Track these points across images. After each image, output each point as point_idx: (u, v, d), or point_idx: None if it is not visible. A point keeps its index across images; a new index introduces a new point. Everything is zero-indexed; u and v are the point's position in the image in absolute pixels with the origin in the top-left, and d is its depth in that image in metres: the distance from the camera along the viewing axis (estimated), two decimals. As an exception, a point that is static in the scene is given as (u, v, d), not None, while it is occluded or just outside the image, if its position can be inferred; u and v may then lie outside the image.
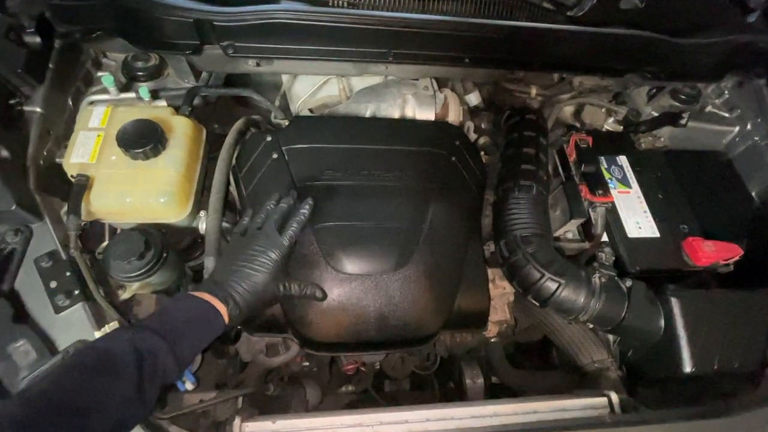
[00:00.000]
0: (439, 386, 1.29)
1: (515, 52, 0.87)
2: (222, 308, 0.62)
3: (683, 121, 1.08)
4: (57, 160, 0.80)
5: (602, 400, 0.74)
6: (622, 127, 1.14)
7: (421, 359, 1.04)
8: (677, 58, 0.96)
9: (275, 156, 0.88)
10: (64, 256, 0.68)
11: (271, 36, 0.81)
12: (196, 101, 0.93)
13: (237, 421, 0.64)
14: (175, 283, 0.84)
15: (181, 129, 0.81)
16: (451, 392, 1.20)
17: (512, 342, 1.30)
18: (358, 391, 1.32)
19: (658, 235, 0.93)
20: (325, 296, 0.74)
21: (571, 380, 1.02)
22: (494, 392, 1.16)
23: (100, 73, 0.93)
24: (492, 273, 0.97)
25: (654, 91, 1.15)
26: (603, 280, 0.80)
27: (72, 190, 0.72)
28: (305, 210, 0.73)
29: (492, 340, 1.16)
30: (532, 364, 1.32)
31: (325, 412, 0.69)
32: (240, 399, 0.71)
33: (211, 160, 0.92)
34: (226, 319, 0.62)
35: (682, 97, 1.13)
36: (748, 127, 1.11)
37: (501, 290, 0.99)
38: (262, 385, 0.79)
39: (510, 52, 0.87)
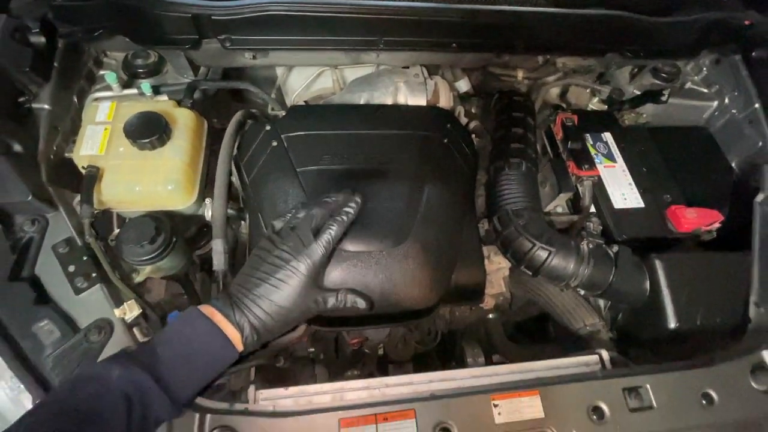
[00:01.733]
0: (442, 366, 1.34)
1: (500, 36, 0.91)
2: (235, 336, 0.54)
3: (664, 98, 1.13)
4: (66, 155, 0.84)
5: (594, 358, 0.78)
6: (606, 106, 1.19)
7: (422, 334, 1.08)
8: (655, 37, 1.00)
9: (275, 144, 0.91)
10: (79, 242, 0.72)
11: (266, 28, 0.84)
12: (196, 95, 0.96)
13: (251, 388, 0.68)
14: (184, 269, 0.88)
15: (183, 120, 0.85)
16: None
17: (511, 322, 1.35)
18: (363, 375, 1.36)
19: (642, 205, 0.98)
20: (371, 305, 0.65)
21: (567, 348, 1.07)
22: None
23: (102, 72, 0.97)
24: (487, 250, 1.01)
25: (635, 70, 1.20)
26: (591, 246, 0.84)
27: (84, 180, 0.75)
28: (350, 209, 0.62)
29: (490, 316, 1.21)
30: (530, 339, 1.37)
31: (334, 381, 0.73)
32: (253, 371, 0.75)
33: (212, 153, 0.96)
34: (240, 347, 0.54)
35: (663, 75, 1.18)
36: (726, 101, 1.16)
37: (496, 266, 1.03)
38: (274, 358, 0.83)
39: (494, 36, 0.91)
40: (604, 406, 0.68)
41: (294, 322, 0.60)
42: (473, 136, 1.15)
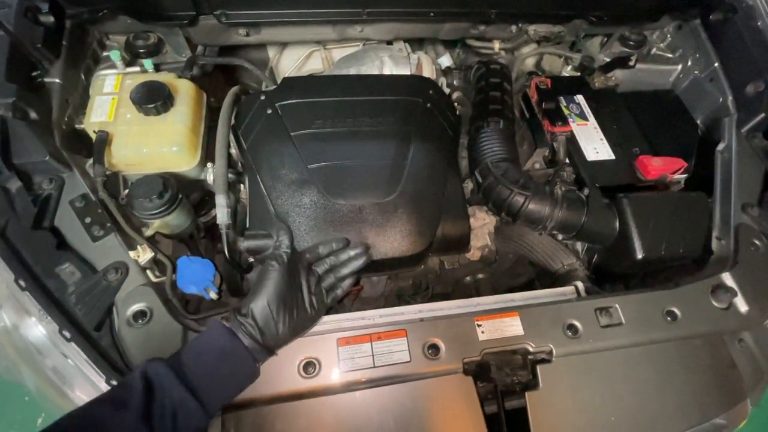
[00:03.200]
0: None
1: (473, 4, 0.99)
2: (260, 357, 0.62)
3: (632, 63, 1.22)
4: (77, 126, 0.90)
5: (570, 288, 0.85)
6: (578, 73, 1.27)
7: (414, 287, 1.15)
8: (617, 3, 1.09)
9: (269, 111, 0.99)
10: (94, 198, 0.78)
11: (258, 1, 0.92)
12: (195, 70, 1.03)
13: (257, 322, 0.74)
14: (189, 229, 0.94)
15: (184, 89, 0.92)
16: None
17: (500, 290, 1.42)
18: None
19: (613, 157, 1.06)
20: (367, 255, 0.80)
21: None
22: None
23: (105, 53, 1.03)
24: (472, 209, 1.09)
25: (605, 39, 1.29)
26: (563, 189, 0.92)
27: (95, 142, 0.82)
28: (358, 261, 0.79)
29: (480, 276, 1.27)
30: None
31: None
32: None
33: (210, 128, 1.03)
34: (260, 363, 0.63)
35: (630, 42, 1.26)
36: (689, 63, 1.25)
37: (481, 222, 1.11)
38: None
39: (468, 3, 0.99)
40: (577, 324, 0.75)
41: (306, 330, 0.70)
42: (456, 104, 1.23)
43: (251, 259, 0.92)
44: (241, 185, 1.02)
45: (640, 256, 0.86)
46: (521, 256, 1.14)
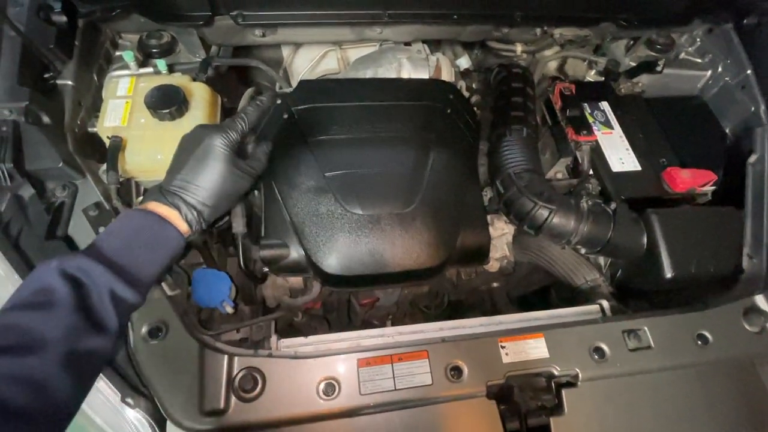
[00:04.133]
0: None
1: (498, 6, 0.95)
2: (173, 215, 0.55)
3: (659, 68, 1.17)
4: (89, 129, 0.88)
5: (595, 307, 0.83)
6: (603, 78, 1.23)
7: (430, 298, 1.12)
8: (647, 5, 1.04)
9: (286, 116, 0.96)
10: (107, 206, 0.76)
11: (276, 2, 0.88)
12: (209, 72, 1.01)
13: (274, 337, 0.73)
14: (202, 236, 0.92)
15: (199, 93, 0.89)
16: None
17: (515, 296, 1.40)
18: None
19: (639, 168, 1.02)
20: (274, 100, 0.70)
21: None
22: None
23: (118, 53, 1.01)
24: (491, 217, 1.06)
25: (631, 42, 1.24)
26: (589, 203, 0.88)
27: (109, 148, 0.79)
28: (263, 98, 0.67)
29: (495, 285, 1.25)
30: (533, 303, 1.42)
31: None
32: (273, 324, 0.80)
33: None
34: (183, 227, 0.56)
35: (658, 46, 1.22)
36: (719, 69, 1.20)
37: (500, 231, 1.08)
38: (293, 313, 0.87)
39: (493, 5, 0.95)
40: (604, 347, 0.73)
41: (231, 197, 0.63)
42: (475, 108, 1.19)
43: (266, 269, 0.90)
44: (256, 191, 0.99)
45: (669, 274, 0.82)
46: (538, 265, 1.12)
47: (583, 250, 0.96)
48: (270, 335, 0.75)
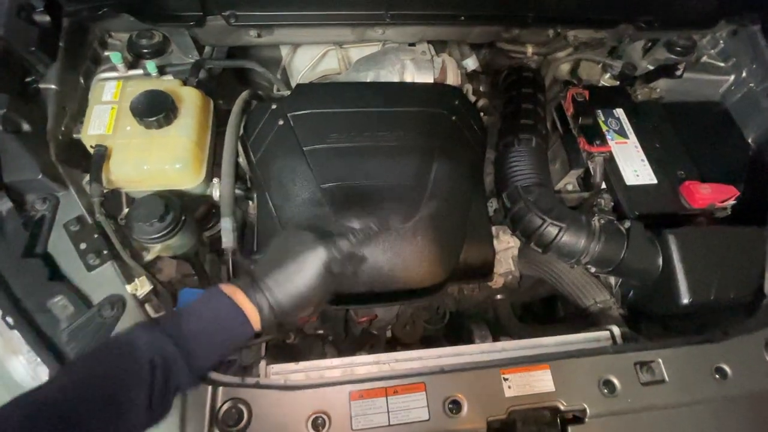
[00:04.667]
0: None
1: (509, 7, 0.89)
2: (254, 314, 0.55)
3: (679, 73, 1.10)
4: (74, 135, 0.84)
5: (605, 334, 0.78)
6: (618, 82, 1.16)
7: (430, 313, 1.08)
8: (671, 6, 0.97)
9: (281, 122, 0.91)
10: (90, 220, 0.72)
11: (271, 2, 0.83)
12: (202, 74, 0.96)
13: (263, 363, 0.69)
14: (194, 248, 0.88)
15: (190, 99, 0.84)
16: (461, 353, 1.25)
17: (519, 303, 1.35)
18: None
19: (655, 181, 0.96)
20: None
21: (577, 326, 1.07)
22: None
23: (107, 53, 0.96)
24: (496, 230, 1.01)
25: (649, 44, 1.17)
26: (602, 222, 0.83)
27: (92, 159, 0.75)
28: (373, 225, 0.64)
29: (498, 297, 1.20)
30: (538, 320, 1.37)
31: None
32: (263, 346, 0.76)
33: (218, 134, 0.96)
34: (257, 326, 0.55)
35: (678, 48, 1.14)
36: (744, 74, 1.13)
37: (505, 245, 1.02)
38: (284, 334, 0.83)
39: (504, 6, 0.88)
40: (615, 380, 0.68)
41: (312, 306, 0.60)
42: (482, 114, 1.13)
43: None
44: (250, 201, 0.95)
45: (685, 300, 0.77)
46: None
47: (593, 269, 0.91)
48: (259, 359, 0.71)
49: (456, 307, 1.09)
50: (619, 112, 1.06)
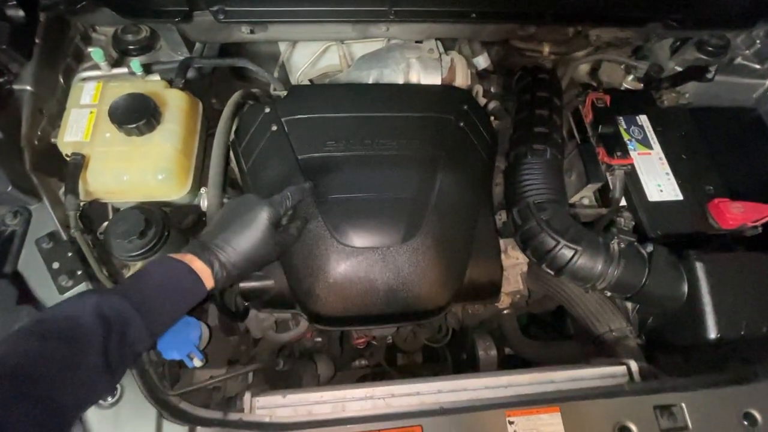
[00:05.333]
0: (452, 358, 1.29)
1: (526, 2, 0.80)
2: (206, 271, 0.58)
3: (710, 75, 1.00)
4: (52, 140, 0.78)
5: (621, 369, 0.71)
6: (642, 85, 1.07)
7: (432, 331, 1.02)
8: (705, 4, 0.87)
9: (275, 128, 0.84)
10: (65, 236, 0.67)
11: (263, -3, 0.76)
12: (190, 74, 0.89)
13: (247, 395, 0.63)
14: (181, 262, 0.83)
15: (175, 102, 0.78)
16: (464, 364, 1.20)
17: (526, 313, 1.29)
18: (371, 364, 1.32)
19: (681, 197, 0.88)
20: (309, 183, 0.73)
21: (588, 350, 1.00)
22: (507, 363, 1.15)
23: (90, 49, 0.89)
24: (504, 243, 0.93)
25: (678, 43, 1.07)
26: (622, 245, 0.75)
27: (68, 169, 0.70)
28: (306, 184, 0.72)
29: (505, 311, 1.14)
30: (547, 334, 1.31)
31: (335, 385, 0.68)
32: (250, 374, 0.71)
33: (210, 135, 0.89)
34: (210, 283, 0.59)
35: (709, 48, 1.04)
36: (782, 78, 1.03)
37: (514, 260, 0.95)
38: (272, 361, 0.78)
39: (520, 2, 0.80)
40: (632, 426, 0.62)
41: (259, 261, 0.65)
42: (492, 118, 1.05)
43: (246, 304, 0.80)
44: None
45: (713, 335, 0.70)
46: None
47: (608, 293, 0.84)
48: (245, 388, 0.66)
49: (459, 325, 1.03)
50: (643, 119, 0.98)
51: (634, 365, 0.71)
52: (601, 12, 0.84)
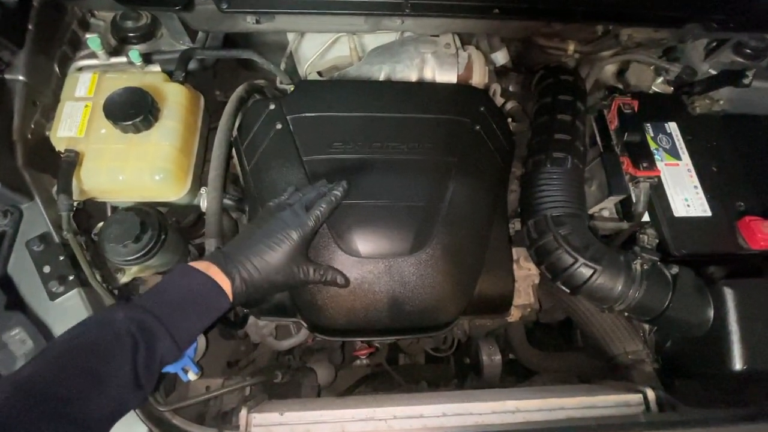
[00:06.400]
0: (455, 362, 1.27)
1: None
2: (226, 284, 0.57)
3: (747, 81, 0.93)
4: (47, 133, 0.74)
5: (637, 397, 0.67)
6: (672, 89, 1.00)
7: (438, 342, 0.99)
8: (750, 4, 0.80)
9: (279, 126, 0.79)
10: (56, 238, 0.64)
11: (270, -15, 0.70)
12: (192, 65, 0.84)
13: (243, 412, 0.61)
14: (178, 264, 0.80)
15: (174, 97, 0.74)
16: (467, 368, 1.17)
17: (531, 323, 1.25)
18: (371, 364, 1.31)
19: (709, 213, 0.83)
20: (347, 283, 0.68)
21: (596, 366, 0.97)
22: (511, 369, 1.12)
23: (87, 35, 0.85)
24: (516, 253, 0.89)
25: (714, 44, 0.99)
26: (645, 266, 0.71)
27: (61, 167, 0.66)
28: (338, 192, 0.67)
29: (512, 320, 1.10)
30: (553, 342, 1.27)
31: (336, 401, 0.66)
32: (248, 389, 0.68)
33: (211, 130, 0.85)
34: (230, 297, 0.57)
35: (747, 51, 0.97)
36: (825, 86, 0.95)
37: (526, 272, 0.91)
38: (271, 374, 0.76)
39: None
40: (648, 464, 0.58)
41: (278, 285, 0.63)
42: (509, 119, 0.99)
43: (246, 311, 0.77)
44: (243, 214, 0.85)
45: (738, 366, 0.66)
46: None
47: (626, 313, 0.80)
48: (242, 403, 0.63)
49: (466, 337, 0.99)
50: (672, 126, 0.92)
51: (651, 394, 0.67)
52: (637, 10, 0.77)
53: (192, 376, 0.62)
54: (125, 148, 0.69)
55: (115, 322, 0.49)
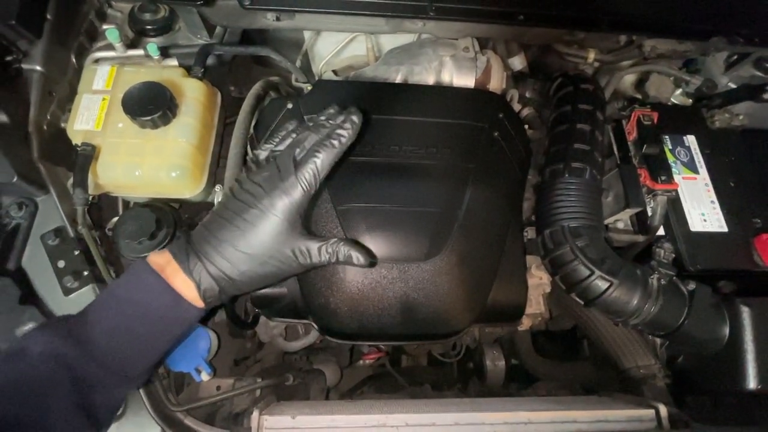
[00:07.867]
0: (458, 365, 1.26)
1: (580, 6, 0.73)
2: (188, 287, 0.43)
3: (767, 96, 0.92)
4: (62, 125, 0.74)
5: (649, 413, 0.67)
6: (690, 101, 0.99)
7: (446, 348, 0.99)
8: (777, 19, 0.79)
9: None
10: (71, 233, 0.64)
11: (294, -16, 0.69)
12: (210, 61, 0.83)
13: (255, 414, 0.60)
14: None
15: (193, 93, 0.73)
16: (470, 372, 1.17)
17: (539, 330, 1.24)
18: (375, 364, 1.31)
19: (725, 229, 0.82)
20: (368, 260, 0.51)
21: (602, 376, 0.97)
22: (515, 374, 1.12)
23: (105, 26, 0.84)
24: (528, 261, 0.89)
25: (735, 57, 0.98)
26: (662, 281, 0.70)
27: (77, 161, 0.65)
28: (344, 132, 0.48)
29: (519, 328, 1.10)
30: (557, 351, 1.27)
31: (346, 405, 0.65)
32: (259, 391, 0.68)
33: (227, 125, 0.84)
34: (198, 303, 0.44)
35: (767, 65, 0.96)
36: None
37: (537, 280, 0.91)
38: (282, 376, 0.75)
39: (573, 6, 0.72)
40: (660, 481, 0.58)
41: (270, 277, 0.46)
42: (525, 126, 0.99)
43: (257, 311, 0.77)
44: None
45: (752, 385, 0.65)
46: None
47: (639, 327, 0.79)
48: (253, 404, 0.63)
49: (474, 344, 0.99)
50: (691, 139, 0.91)
51: (663, 410, 0.67)
52: (664, 22, 0.76)
53: (205, 376, 0.61)
54: (142, 143, 0.68)
55: (33, 359, 0.40)
